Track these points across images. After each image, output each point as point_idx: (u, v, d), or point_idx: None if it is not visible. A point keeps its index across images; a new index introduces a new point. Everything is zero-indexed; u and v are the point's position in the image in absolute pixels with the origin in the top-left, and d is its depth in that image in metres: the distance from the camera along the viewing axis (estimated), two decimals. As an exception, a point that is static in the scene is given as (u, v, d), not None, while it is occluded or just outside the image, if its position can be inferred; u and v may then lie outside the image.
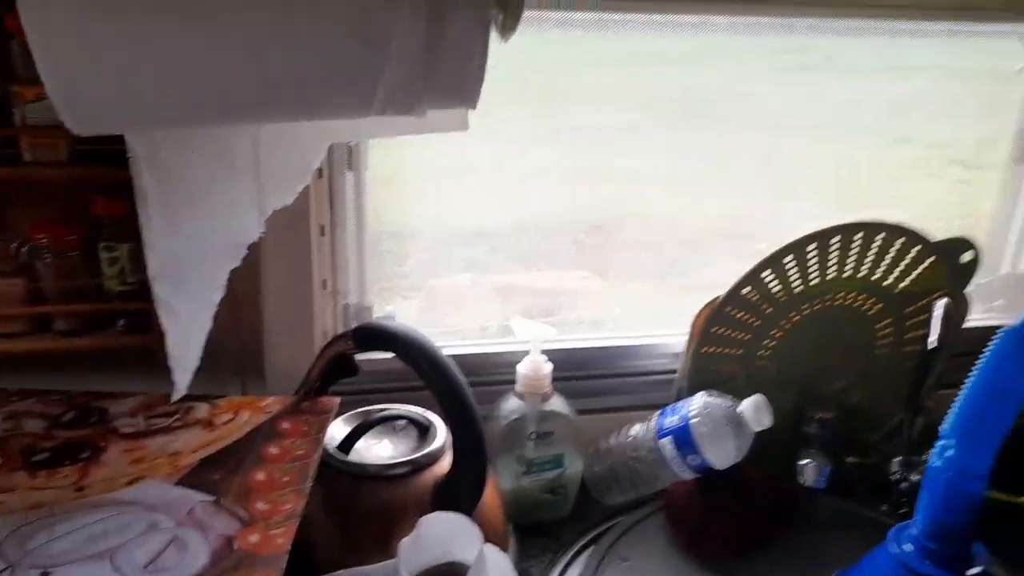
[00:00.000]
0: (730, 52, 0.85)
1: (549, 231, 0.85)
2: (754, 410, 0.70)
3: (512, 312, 0.85)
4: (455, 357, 0.77)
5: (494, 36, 0.44)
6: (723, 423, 0.70)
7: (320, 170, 0.68)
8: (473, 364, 0.78)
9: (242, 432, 0.57)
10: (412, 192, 0.79)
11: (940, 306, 0.73)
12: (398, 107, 0.42)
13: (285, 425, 0.58)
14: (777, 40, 0.86)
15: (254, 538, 0.46)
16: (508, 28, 0.44)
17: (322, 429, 0.58)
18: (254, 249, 0.67)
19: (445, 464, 0.60)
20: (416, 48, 0.39)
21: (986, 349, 0.54)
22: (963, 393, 0.53)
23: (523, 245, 0.85)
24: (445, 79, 0.41)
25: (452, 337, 0.84)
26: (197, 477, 0.51)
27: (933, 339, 0.74)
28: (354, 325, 0.68)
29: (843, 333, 0.81)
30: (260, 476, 0.52)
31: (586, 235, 0.89)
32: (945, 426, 0.56)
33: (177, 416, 0.59)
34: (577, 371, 0.81)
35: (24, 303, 0.61)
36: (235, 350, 0.72)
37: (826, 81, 0.92)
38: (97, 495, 0.49)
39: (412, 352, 0.57)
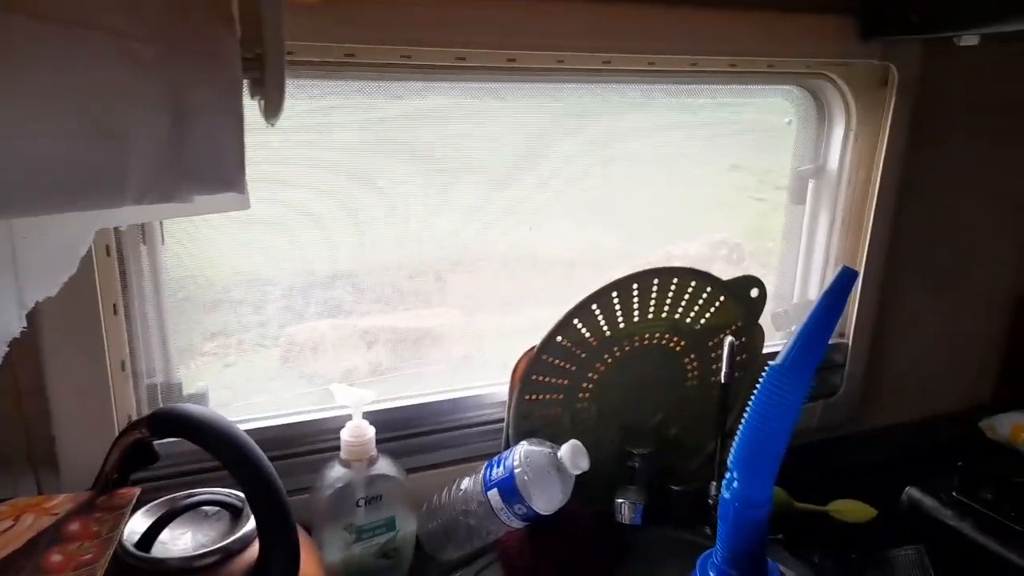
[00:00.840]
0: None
1: (411, 271, 0.85)
2: (571, 455, 0.73)
3: (378, 355, 0.84)
4: (272, 428, 0.76)
5: (258, 120, 0.44)
6: (545, 470, 0.72)
7: (107, 247, 0.64)
8: (295, 434, 0.76)
9: (21, 541, 0.52)
10: (260, 242, 0.77)
11: (726, 343, 0.80)
12: (156, 197, 0.41)
13: (73, 527, 0.54)
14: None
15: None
16: (271, 114, 0.44)
17: (115, 527, 0.54)
18: (32, 337, 0.63)
19: (257, 548, 0.58)
20: (163, 141, 0.39)
21: (758, 384, 0.59)
22: (741, 429, 0.59)
23: (385, 285, 0.84)
24: (200, 169, 0.40)
25: (279, 406, 0.81)
26: (-45, 604, 0.46)
27: (725, 372, 0.81)
28: (154, 408, 0.65)
29: (655, 370, 0.86)
30: (34, 592, 0.47)
31: (447, 273, 0.90)
32: (730, 459, 0.61)
33: (-59, 531, 0.53)
34: (404, 429, 0.81)
35: None
36: (23, 445, 0.66)
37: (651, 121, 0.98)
38: None
39: (207, 437, 0.55)
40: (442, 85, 0.81)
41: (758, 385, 0.58)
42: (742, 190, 1.09)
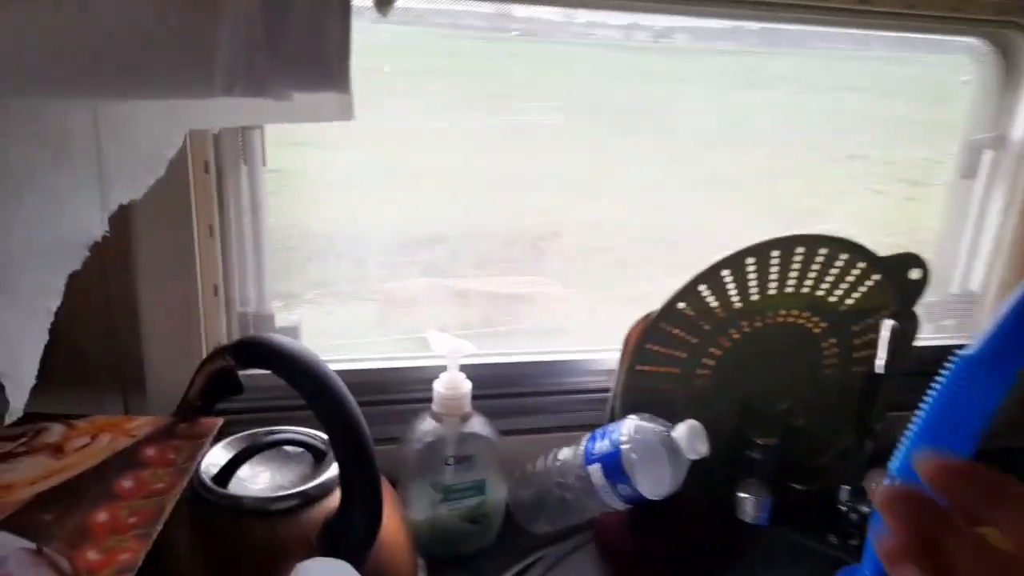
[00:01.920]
0: (679, 74, 0.84)
1: (508, 237, 0.84)
2: (689, 437, 0.64)
3: (470, 317, 0.82)
4: (364, 372, 0.71)
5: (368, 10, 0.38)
6: (656, 450, 0.64)
7: (205, 163, 0.60)
8: (387, 380, 0.71)
9: (95, 460, 0.49)
10: (367, 197, 0.76)
11: (887, 326, 0.68)
12: (246, 87, 0.35)
13: (149, 452, 0.51)
14: (723, 61, 0.85)
15: (71, 598, 0.38)
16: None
17: (192, 457, 0.51)
18: (128, 248, 0.60)
19: (338, 496, 0.53)
20: (256, 17, 0.33)
21: (938, 378, 0.48)
22: (913, 429, 0.48)
23: (482, 250, 0.83)
24: (297, 56, 0.34)
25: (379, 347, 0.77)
26: (24, 517, 0.43)
27: (881, 362, 0.69)
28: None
29: (787, 352, 0.76)
30: (102, 517, 0.44)
31: (544, 242, 0.87)
32: (893, 464, 0.50)
33: (23, 440, 0.51)
34: (501, 388, 0.75)
35: None
36: (113, 362, 0.64)
37: (773, 97, 0.90)
38: None
39: (293, 370, 0.50)
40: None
41: (936, 381, 0.48)
42: (862, 179, 1.00)
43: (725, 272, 0.70)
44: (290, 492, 0.52)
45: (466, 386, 0.66)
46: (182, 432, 0.54)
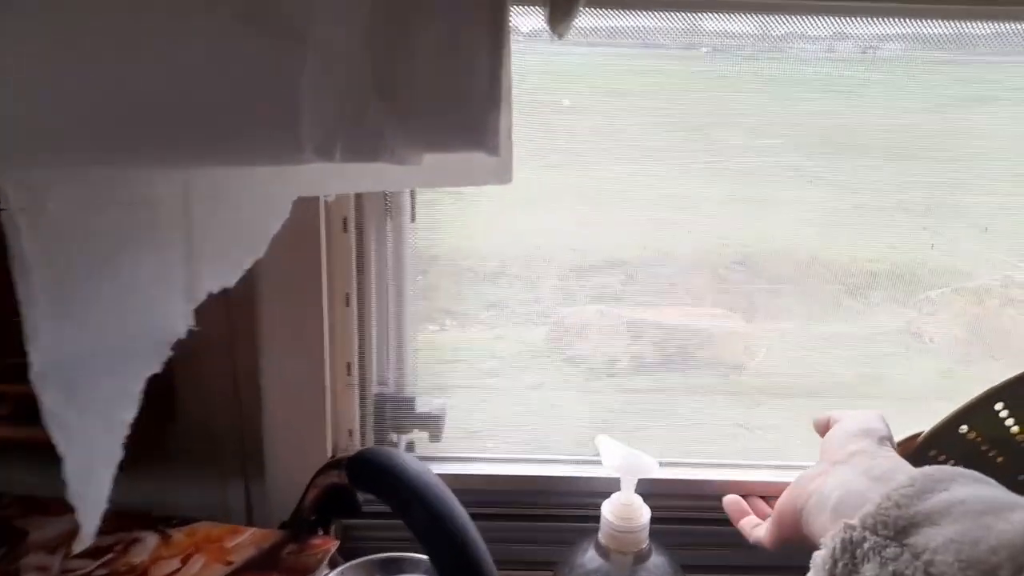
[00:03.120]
0: (892, 85, 0.68)
1: (688, 264, 0.75)
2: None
3: (643, 349, 0.75)
4: (516, 478, 0.57)
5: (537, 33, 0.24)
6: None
7: (344, 221, 0.50)
8: (545, 489, 0.57)
9: (178, 599, 0.40)
10: (545, 218, 0.71)
11: None
12: (350, 150, 0.23)
13: (241, 591, 0.40)
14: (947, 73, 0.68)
15: None
16: (559, 19, 0.24)
17: (289, 606, 0.40)
18: (254, 316, 0.51)
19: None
20: (357, 56, 0.20)
21: None
22: None
23: (660, 278, 0.75)
24: (424, 109, 0.21)
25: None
26: None
27: None
28: (360, 449, 0.50)
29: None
30: None
31: (727, 271, 0.77)
32: None
33: (109, 557, 0.43)
34: (691, 511, 0.58)
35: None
36: (236, 443, 0.56)
37: (1004, 115, 0.70)
38: None
39: (406, 503, 0.38)
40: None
41: None
42: None
43: (1036, 384, 0.48)
44: (405, 662, 0.40)
45: (644, 515, 0.51)
46: (288, 559, 0.43)
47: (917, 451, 0.50)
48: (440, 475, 0.57)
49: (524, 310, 0.75)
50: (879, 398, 0.74)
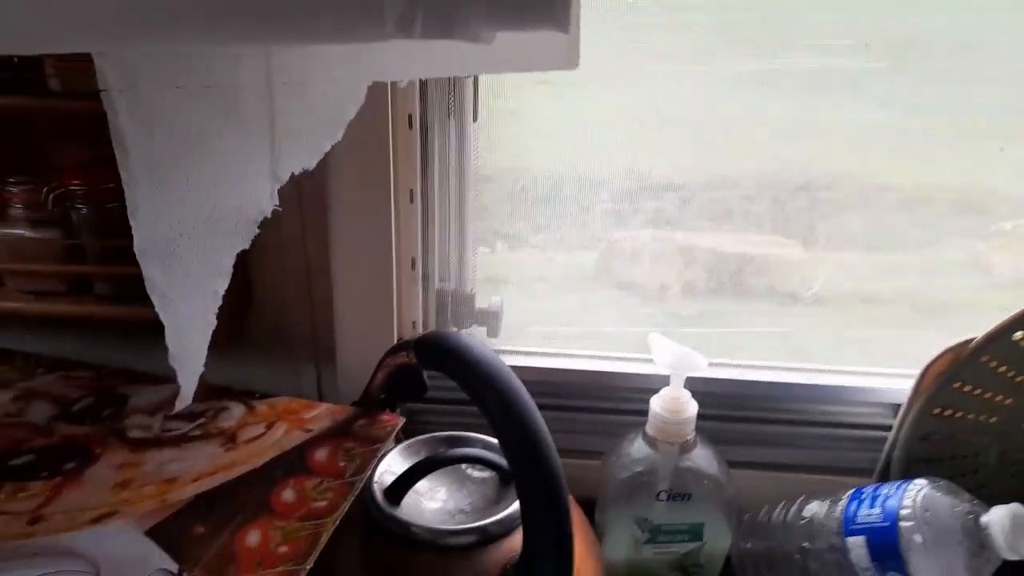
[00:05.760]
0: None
1: (747, 189, 0.72)
2: (1010, 526, 0.45)
3: (696, 276, 0.74)
4: (570, 373, 0.60)
5: None
6: (953, 536, 0.46)
7: (409, 117, 0.51)
8: (596, 384, 0.60)
9: (263, 459, 0.44)
10: (602, 139, 0.69)
11: None
12: (429, 26, 0.24)
13: (320, 455, 0.45)
14: None
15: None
16: None
17: (363, 468, 0.44)
18: (325, 212, 0.54)
19: (520, 539, 0.43)
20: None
21: None
22: None
23: (715, 202, 0.73)
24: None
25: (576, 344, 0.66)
26: (176, 526, 0.39)
27: None
28: (426, 332, 0.53)
29: None
30: (252, 539, 0.38)
31: (789, 196, 0.74)
32: None
33: (201, 421, 0.47)
34: (736, 410, 0.60)
35: (62, 259, 0.52)
36: (308, 332, 0.60)
37: None
38: (47, 534, 0.38)
39: (473, 381, 0.40)
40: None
41: None
42: None
43: (1095, 294, 0.48)
44: (467, 527, 0.44)
45: (691, 409, 0.53)
46: (359, 431, 0.47)
47: (970, 356, 0.51)
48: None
49: (576, 234, 0.74)
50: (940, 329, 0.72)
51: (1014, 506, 0.46)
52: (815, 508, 0.54)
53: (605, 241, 0.76)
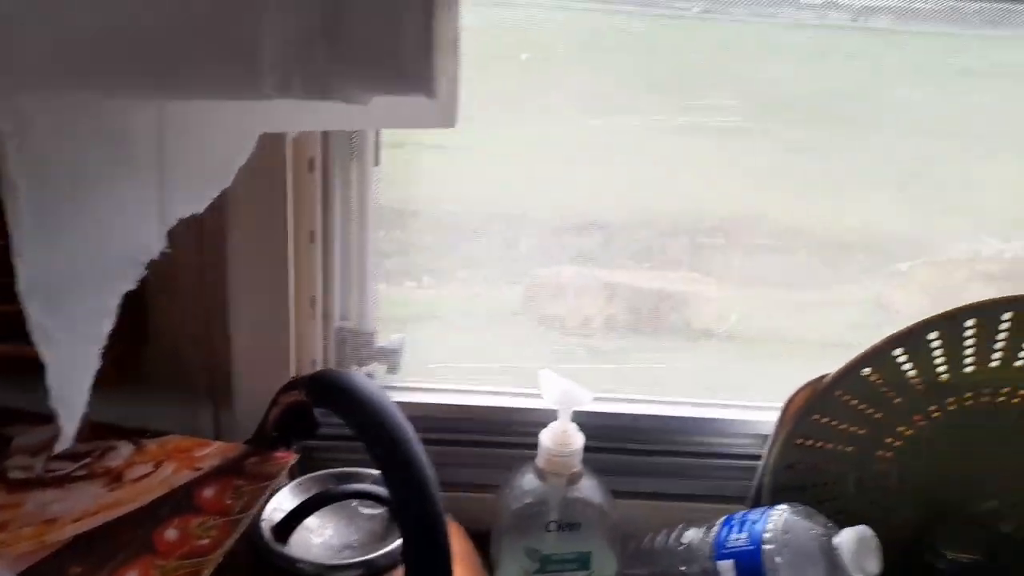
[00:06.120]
0: (870, 54, 0.71)
1: (667, 228, 0.77)
2: (856, 548, 0.50)
3: (616, 311, 0.77)
4: (468, 409, 0.62)
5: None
6: (809, 557, 0.51)
7: (311, 161, 0.53)
8: (491, 419, 0.62)
9: (150, 497, 0.44)
10: (529, 175, 0.73)
11: None
12: (305, 88, 0.27)
13: (207, 493, 0.45)
14: (935, 45, 0.71)
15: None
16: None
17: (249, 505, 0.44)
18: (224, 249, 0.55)
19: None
20: (307, 1, 0.24)
21: None
22: None
23: (637, 241, 0.77)
24: (363, 52, 0.25)
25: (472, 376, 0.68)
26: (52, 567, 0.38)
27: None
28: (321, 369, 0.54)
29: (1003, 440, 0.58)
30: (132, 576, 0.38)
31: (706, 236, 0.79)
32: None
33: (86, 460, 0.47)
34: (622, 442, 0.63)
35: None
36: (206, 370, 0.60)
37: (993, 89, 0.73)
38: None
39: (364, 421, 0.42)
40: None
41: None
42: None
43: (933, 335, 0.54)
44: (352, 561, 0.45)
45: (578, 441, 0.56)
46: (250, 468, 0.48)
47: (824, 391, 0.56)
48: (400, 403, 0.62)
49: (503, 269, 0.77)
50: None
51: (860, 528, 0.51)
52: (692, 534, 0.57)
53: (530, 277, 0.78)
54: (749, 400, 0.64)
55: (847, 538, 0.50)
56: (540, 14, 0.66)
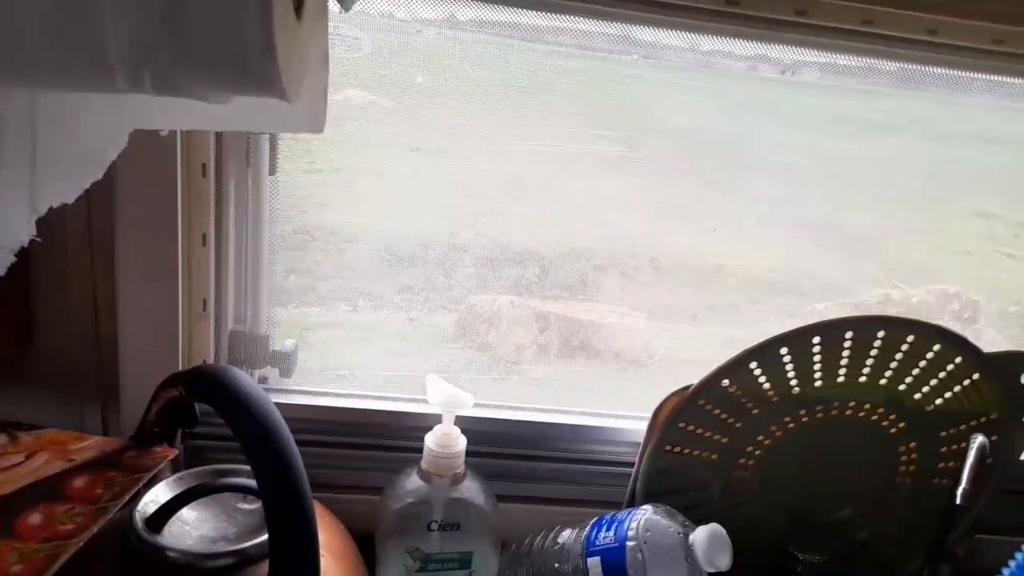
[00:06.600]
0: (798, 111, 0.78)
1: (601, 263, 0.81)
2: (708, 545, 0.53)
3: (549, 341, 0.80)
4: (355, 412, 0.64)
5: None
6: (668, 554, 0.54)
7: (203, 167, 0.55)
8: (377, 423, 0.64)
9: (16, 485, 0.45)
10: (466, 207, 0.76)
11: (975, 441, 0.55)
12: (156, 84, 0.29)
13: (77, 483, 0.46)
14: (854, 100, 0.77)
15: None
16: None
17: (119, 495, 0.45)
18: (112, 249, 0.56)
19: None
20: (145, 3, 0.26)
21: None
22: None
23: (571, 273, 0.80)
24: (204, 51, 0.27)
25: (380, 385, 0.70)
26: (-94, 547, 0.39)
27: (964, 483, 0.56)
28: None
29: (852, 451, 0.64)
30: (-13, 559, 0.39)
31: (636, 271, 0.83)
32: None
33: (-43, 449, 0.47)
34: (505, 447, 0.66)
35: None
36: (94, 367, 0.60)
37: (902, 144, 0.81)
38: None
39: (236, 413, 0.43)
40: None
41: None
42: (989, 240, 0.89)
43: (784, 350, 0.59)
44: (224, 550, 0.46)
45: (460, 443, 0.58)
46: (127, 461, 0.49)
47: (689, 400, 0.60)
48: (289, 404, 0.63)
49: (438, 296, 0.79)
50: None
51: (712, 526, 0.54)
52: (567, 534, 0.60)
53: (466, 304, 0.81)
54: (627, 410, 0.68)
55: (700, 535, 0.54)
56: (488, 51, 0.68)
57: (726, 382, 0.59)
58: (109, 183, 0.43)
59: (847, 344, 0.59)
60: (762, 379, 0.59)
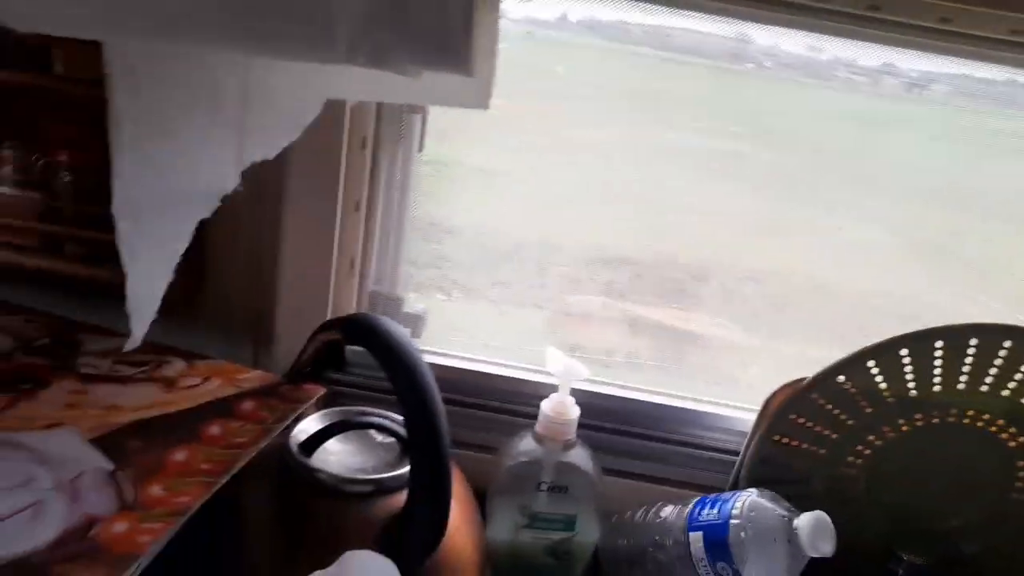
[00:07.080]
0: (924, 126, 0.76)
1: (698, 271, 0.81)
2: (812, 530, 0.54)
3: (638, 346, 0.80)
4: (477, 375, 0.69)
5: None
6: (771, 535, 0.55)
7: (363, 140, 0.61)
8: (498, 387, 0.68)
9: (197, 401, 0.51)
10: (564, 207, 0.78)
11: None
12: (369, 57, 0.34)
13: (246, 405, 0.52)
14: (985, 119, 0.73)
15: (120, 527, 0.39)
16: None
17: (281, 419, 0.51)
18: (279, 208, 0.62)
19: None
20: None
21: None
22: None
23: (666, 280, 0.81)
24: (418, 29, 0.32)
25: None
26: (116, 439, 0.46)
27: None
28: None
29: (968, 461, 0.63)
30: (180, 456, 0.45)
31: (737, 283, 0.82)
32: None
33: (145, 368, 0.55)
34: (616, 423, 0.69)
35: (40, 219, 0.60)
36: (250, 312, 0.68)
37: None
38: (3, 432, 0.45)
39: (388, 355, 0.48)
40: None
41: None
42: None
43: (904, 351, 0.59)
44: (366, 478, 0.51)
45: (574, 412, 0.62)
46: (284, 393, 0.55)
47: (802, 392, 0.61)
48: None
49: (531, 293, 0.82)
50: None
51: (817, 512, 0.55)
52: (669, 510, 0.63)
53: (558, 303, 0.83)
54: (734, 400, 0.70)
55: (805, 520, 0.55)
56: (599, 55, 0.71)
57: (842, 378, 0.60)
58: (283, 148, 0.49)
59: (971, 351, 0.58)
60: (879, 378, 0.60)
